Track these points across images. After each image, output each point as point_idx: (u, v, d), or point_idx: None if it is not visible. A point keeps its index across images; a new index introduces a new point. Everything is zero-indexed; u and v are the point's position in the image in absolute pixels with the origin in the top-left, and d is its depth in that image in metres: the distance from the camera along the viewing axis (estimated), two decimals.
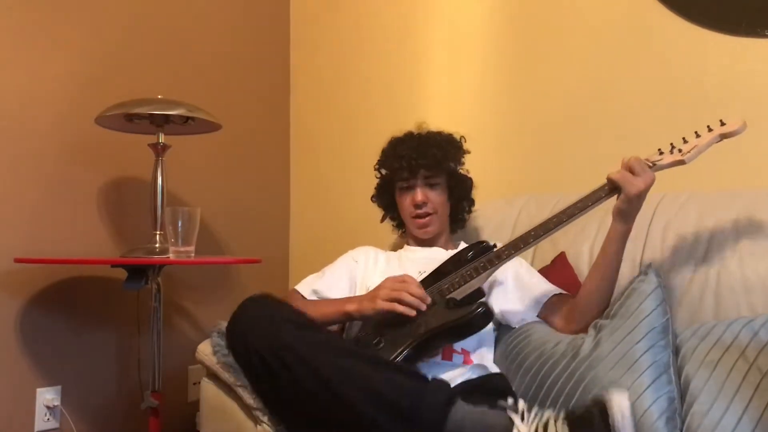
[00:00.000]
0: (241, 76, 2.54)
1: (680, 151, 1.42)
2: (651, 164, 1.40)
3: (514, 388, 1.43)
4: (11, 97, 1.90)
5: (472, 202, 1.79)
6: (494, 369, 1.49)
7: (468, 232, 1.88)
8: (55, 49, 2.00)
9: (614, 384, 1.27)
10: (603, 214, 1.68)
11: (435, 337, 1.37)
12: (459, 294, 1.43)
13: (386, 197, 1.77)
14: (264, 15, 2.64)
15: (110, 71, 2.12)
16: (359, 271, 1.68)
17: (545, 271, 1.66)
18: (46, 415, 1.94)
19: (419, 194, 1.64)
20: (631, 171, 1.37)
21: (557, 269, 1.65)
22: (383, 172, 1.76)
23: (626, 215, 1.40)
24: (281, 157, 2.71)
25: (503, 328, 1.59)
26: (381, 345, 1.38)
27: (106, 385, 2.10)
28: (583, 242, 1.67)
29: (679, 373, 1.30)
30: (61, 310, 2.00)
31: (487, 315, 1.37)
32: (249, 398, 1.45)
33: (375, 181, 1.82)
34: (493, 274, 1.49)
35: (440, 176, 1.68)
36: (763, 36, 1.73)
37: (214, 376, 1.57)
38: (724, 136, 1.40)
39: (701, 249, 1.48)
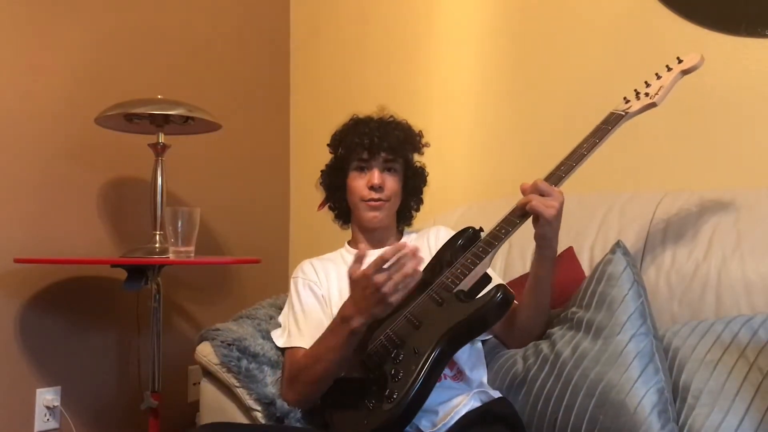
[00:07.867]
0: (241, 76, 2.53)
1: (647, 95, 1.43)
2: (623, 113, 1.40)
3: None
4: (11, 97, 1.90)
5: (421, 200, 1.67)
6: (493, 392, 1.42)
7: None
8: (55, 48, 2.00)
9: (602, 381, 1.25)
10: (605, 212, 1.68)
11: (458, 336, 1.26)
12: (466, 285, 1.32)
13: (335, 179, 1.62)
14: (264, 15, 2.64)
15: (110, 71, 2.12)
16: (322, 290, 1.55)
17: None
18: (45, 415, 1.94)
19: (377, 176, 1.53)
20: (541, 194, 1.32)
21: (564, 262, 1.61)
22: (339, 151, 1.61)
23: (550, 238, 1.35)
24: (281, 157, 2.71)
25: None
26: (401, 358, 1.26)
27: (106, 386, 2.10)
28: (584, 241, 1.66)
29: (679, 371, 1.29)
30: (61, 310, 2.00)
31: (508, 298, 1.26)
32: (248, 399, 1.45)
33: None
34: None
35: (399, 162, 1.58)
36: (763, 36, 1.73)
37: (213, 377, 1.57)
38: (685, 72, 1.43)
39: (701, 249, 1.48)
